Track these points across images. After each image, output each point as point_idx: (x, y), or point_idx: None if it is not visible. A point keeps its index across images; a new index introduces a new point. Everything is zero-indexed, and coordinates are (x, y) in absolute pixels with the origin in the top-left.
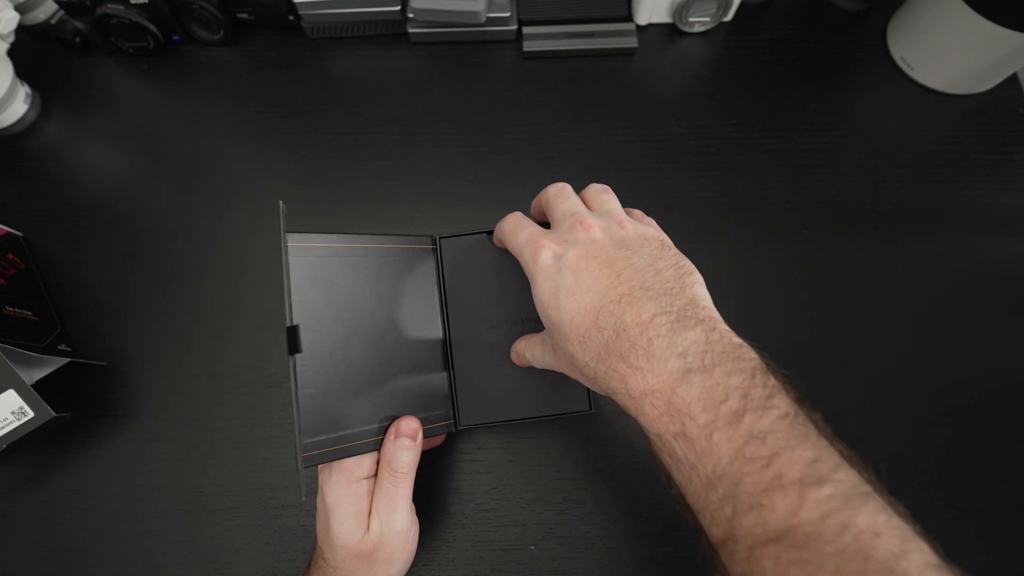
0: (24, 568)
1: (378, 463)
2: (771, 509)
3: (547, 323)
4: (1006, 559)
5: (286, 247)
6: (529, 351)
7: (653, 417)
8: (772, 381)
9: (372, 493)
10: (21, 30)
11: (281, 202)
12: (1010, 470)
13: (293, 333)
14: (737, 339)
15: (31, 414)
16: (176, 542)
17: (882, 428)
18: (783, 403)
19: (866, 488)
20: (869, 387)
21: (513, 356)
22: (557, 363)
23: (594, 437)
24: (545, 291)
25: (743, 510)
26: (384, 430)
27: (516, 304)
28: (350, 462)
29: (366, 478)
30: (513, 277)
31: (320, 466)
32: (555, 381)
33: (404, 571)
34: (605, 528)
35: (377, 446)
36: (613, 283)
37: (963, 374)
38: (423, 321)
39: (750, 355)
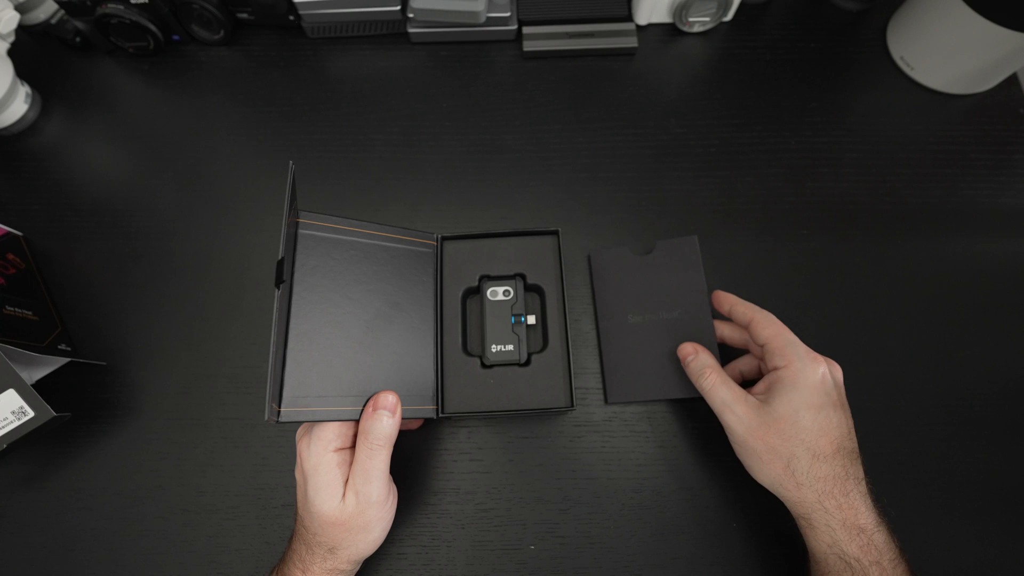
0: (24, 567)
1: (356, 435)
2: None
3: (789, 417)
4: (1006, 559)
5: (292, 187)
6: (729, 397)
7: (857, 546)
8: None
9: (349, 464)
10: (21, 30)
11: (291, 162)
12: (1010, 470)
13: (280, 266)
14: None
15: (31, 414)
16: (176, 542)
17: (882, 428)
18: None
19: None
20: (869, 387)
21: (700, 378)
22: (762, 437)
23: (594, 438)
24: (809, 399)
25: None
26: (364, 403)
27: (652, 302)
28: (328, 433)
29: (343, 448)
30: (649, 281)
31: (299, 436)
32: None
33: (382, 538)
34: (605, 528)
35: (356, 416)
36: (848, 432)
37: (963, 374)
38: (416, 311)
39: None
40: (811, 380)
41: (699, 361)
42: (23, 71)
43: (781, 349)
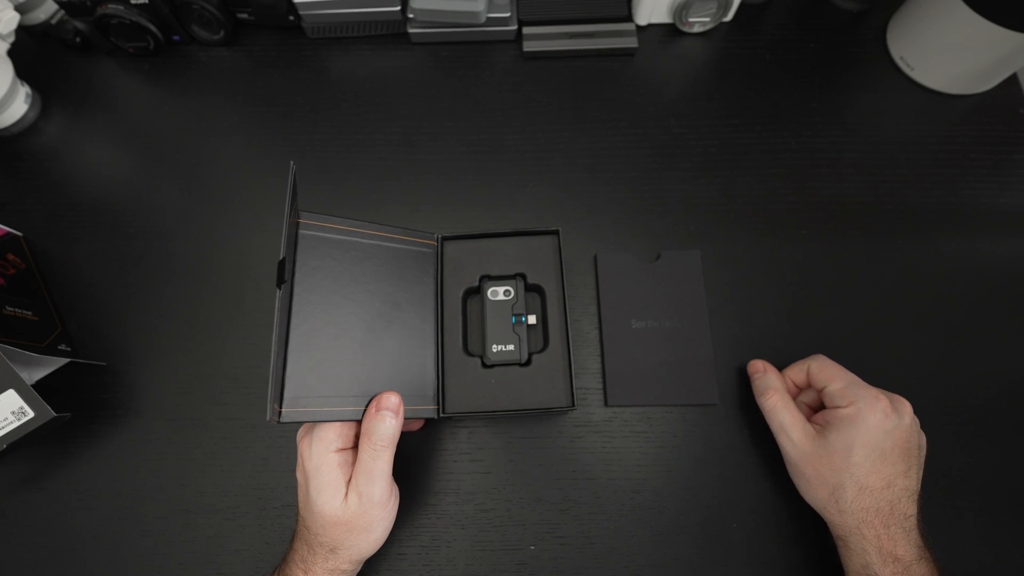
0: (24, 568)
1: (359, 436)
2: None
3: (843, 451)
4: (1006, 559)
5: (293, 190)
6: (787, 421)
7: (889, 571)
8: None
9: (351, 465)
10: (21, 30)
11: (292, 162)
12: (1010, 470)
13: (281, 266)
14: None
15: (31, 414)
16: (176, 542)
17: None
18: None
19: None
20: None
21: (763, 397)
22: (812, 464)
23: (595, 438)
24: (867, 437)
25: None
26: (365, 403)
27: (655, 310)
28: (329, 433)
29: (345, 449)
30: (653, 289)
31: (300, 437)
32: (689, 375)
33: (383, 539)
34: (605, 528)
35: (358, 416)
36: (903, 472)
37: (963, 374)
38: (417, 311)
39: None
40: (870, 420)
41: (764, 381)
42: (23, 71)
43: (842, 392)
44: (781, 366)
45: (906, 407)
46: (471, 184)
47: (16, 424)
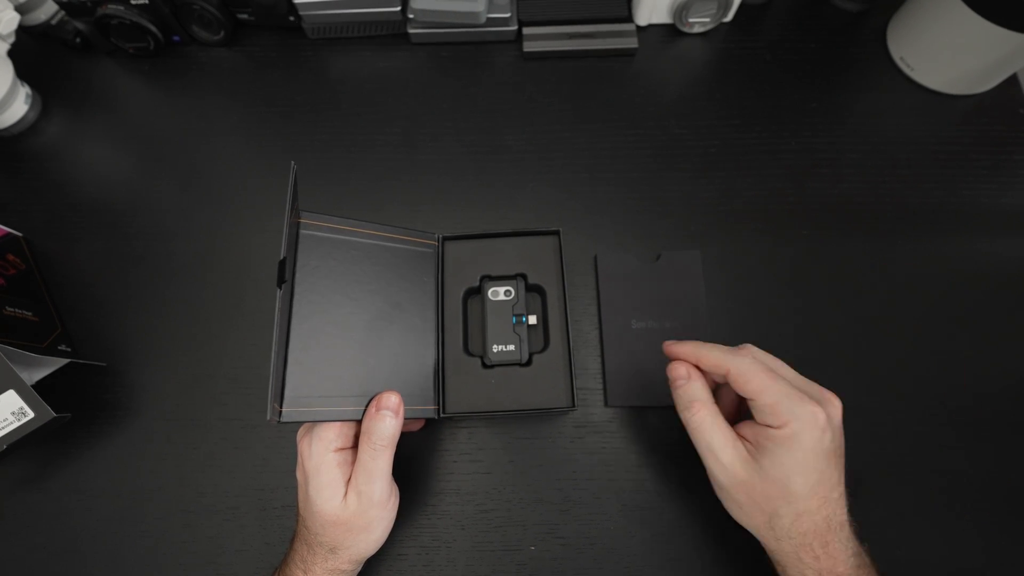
0: (24, 568)
1: (358, 436)
2: None
3: (780, 479)
4: (1006, 559)
5: (294, 190)
6: (716, 442)
7: None
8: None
9: (351, 464)
10: (22, 31)
11: (293, 162)
12: (1010, 470)
13: (282, 266)
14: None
15: (31, 414)
16: (176, 543)
17: (882, 428)
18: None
19: None
20: (869, 387)
21: (687, 412)
22: (745, 491)
23: (595, 438)
24: (804, 463)
25: None
26: (366, 403)
27: (655, 310)
28: (329, 433)
29: (345, 448)
30: (653, 289)
31: (300, 437)
32: None
33: (383, 539)
34: (605, 528)
35: (358, 416)
36: (838, 480)
37: (963, 374)
38: (417, 311)
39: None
40: (807, 442)
41: (690, 391)
42: (23, 72)
43: (773, 408)
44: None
45: (836, 409)
46: (471, 184)
47: (16, 424)
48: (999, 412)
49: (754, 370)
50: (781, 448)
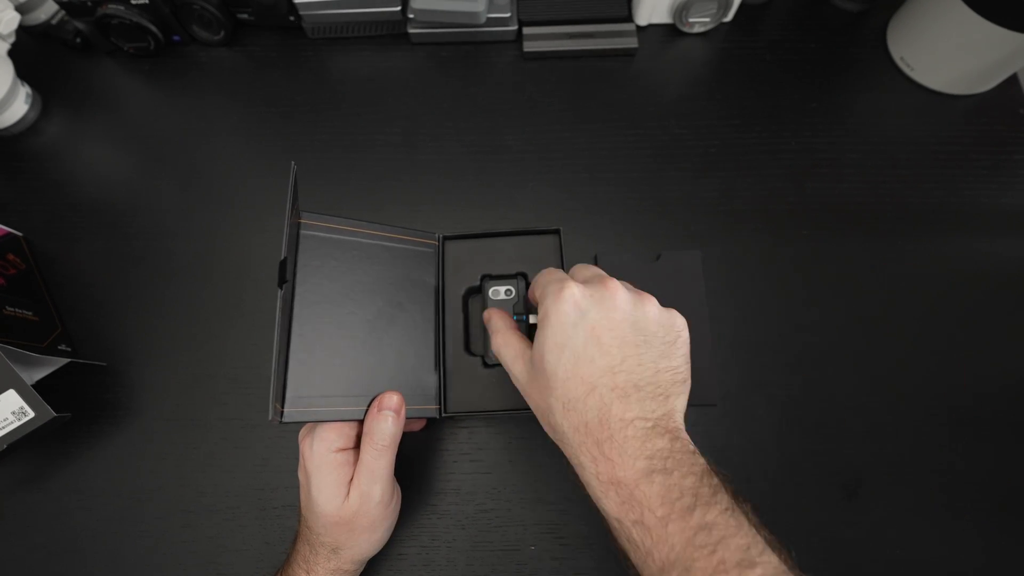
0: (24, 568)
1: (360, 436)
2: None
3: (539, 365)
4: (1006, 559)
5: (294, 191)
6: (508, 357)
7: (615, 504)
8: (716, 481)
9: (353, 464)
10: (22, 30)
11: (293, 163)
12: (1010, 470)
13: (282, 266)
14: (692, 446)
15: (31, 414)
16: (176, 543)
17: (882, 428)
18: (724, 499)
19: (784, 568)
20: (869, 387)
21: (492, 343)
22: (529, 396)
23: None
24: (552, 339)
25: None
26: (368, 403)
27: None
28: (331, 433)
29: (346, 449)
30: (653, 289)
31: (301, 437)
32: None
33: (385, 539)
34: (605, 528)
35: (359, 416)
36: (615, 367)
37: (963, 374)
38: (418, 311)
39: (700, 461)
40: (553, 317)
41: (490, 327)
42: (23, 72)
43: (538, 298)
44: (781, 365)
45: (620, 293)
46: (471, 184)
47: (16, 424)
48: (999, 412)
49: (539, 275)
50: (537, 332)
